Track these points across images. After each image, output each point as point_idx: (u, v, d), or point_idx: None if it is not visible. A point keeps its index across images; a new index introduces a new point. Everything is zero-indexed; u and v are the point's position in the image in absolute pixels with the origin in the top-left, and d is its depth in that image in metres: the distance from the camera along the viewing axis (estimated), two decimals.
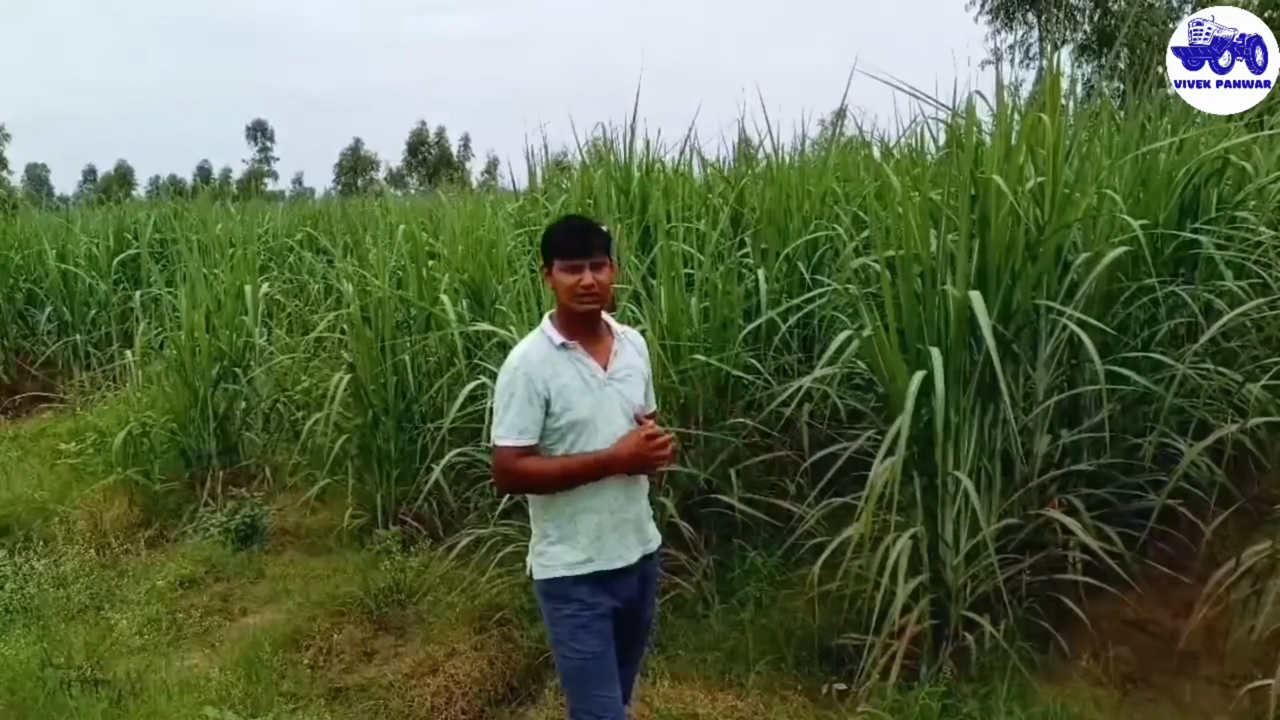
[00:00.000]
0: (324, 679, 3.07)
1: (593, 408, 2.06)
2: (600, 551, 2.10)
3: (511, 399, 2.03)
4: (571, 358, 2.07)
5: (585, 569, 2.09)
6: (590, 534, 2.09)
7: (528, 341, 2.12)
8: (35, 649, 3.19)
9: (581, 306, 2.04)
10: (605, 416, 2.07)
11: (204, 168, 53.27)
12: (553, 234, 2.10)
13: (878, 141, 4.36)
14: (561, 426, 2.05)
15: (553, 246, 2.07)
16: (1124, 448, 2.90)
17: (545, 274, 2.12)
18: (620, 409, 2.10)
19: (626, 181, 4.05)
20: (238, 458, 4.70)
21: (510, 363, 2.08)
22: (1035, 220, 2.78)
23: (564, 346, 2.07)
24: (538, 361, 2.05)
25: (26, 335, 7.45)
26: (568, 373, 2.06)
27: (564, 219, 2.22)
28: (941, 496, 2.67)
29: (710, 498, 3.25)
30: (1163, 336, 2.98)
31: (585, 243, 2.04)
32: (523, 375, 2.03)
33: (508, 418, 2.04)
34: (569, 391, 2.04)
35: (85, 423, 5.54)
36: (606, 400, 2.08)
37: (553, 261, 2.06)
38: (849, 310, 3.23)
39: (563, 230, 2.10)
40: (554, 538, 2.11)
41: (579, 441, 2.06)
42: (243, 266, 5.24)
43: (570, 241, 2.05)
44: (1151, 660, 2.65)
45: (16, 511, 4.53)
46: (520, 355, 2.08)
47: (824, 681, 2.71)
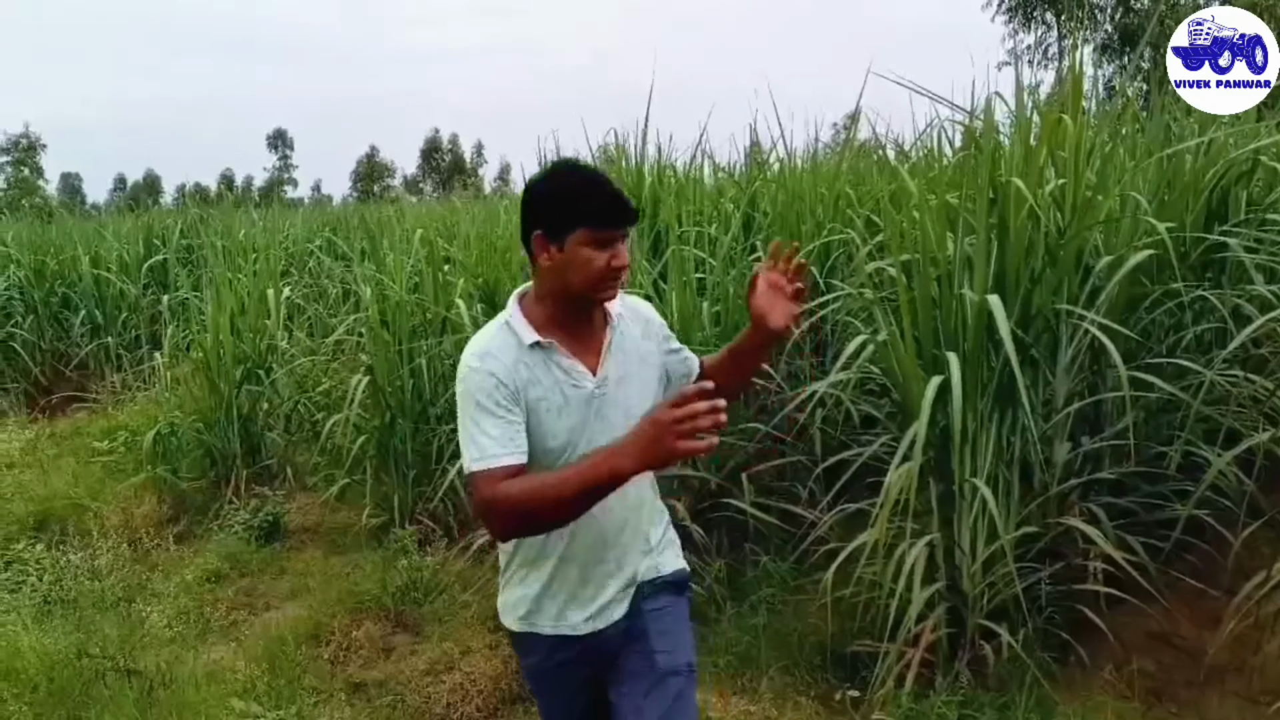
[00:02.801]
0: (344, 674, 3.10)
1: (574, 431, 1.52)
2: (561, 611, 1.60)
3: (479, 409, 1.47)
4: (547, 360, 1.52)
5: (540, 626, 1.62)
6: (553, 586, 1.59)
7: (487, 335, 1.54)
8: (71, 639, 3.27)
9: (609, 293, 1.52)
10: (589, 440, 1.52)
11: (227, 176, 54.31)
12: (576, 191, 1.48)
13: (892, 144, 4.33)
14: (534, 451, 1.50)
15: (580, 208, 1.47)
16: (1148, 456, 2.83)
17: (540, 245, 1.50)
18: (612, 428, 1.52)
19: (638, 186, 4.06)
20: (260, 457, 4.78)
21: (467, 362, 1.51)
22: (1056, 223, 2.74)
23: (537, 346, 1.51)
24: (510, 363, 1.50)
25: (61, 338, 7.64)
26: (545, 379, 1.51)
27: (571, 169, 1.55)
28: (958, 503, 2.63)
29: (722, 502, 3.24)
30: (1188, 342, 2.91)
31: (625, 208, 1.50)
32: (487, 377, 1.48)
33: (480, 430, 1.45)
34: (543, 410, 1.50)
35: (117, 422, 5.68)
36: (594, 417, 1.53)
37: (572, 231, 1.47)
38: (863, 315, 3.21)
39: (592, 188, 1.49)
40: (509, 577, 1.64)
41: (554, 468, 1.49)
42: (265, 271, 5.34)
43: (609, 207, 1.48)
44: (1176, 674, 2.58)
45: (53, 507, 4.65)
46: (480, 353, 1.51)
47: (837, 688, 2.68)
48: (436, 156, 55.74)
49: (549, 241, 1.49)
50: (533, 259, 1.53)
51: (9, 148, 44.73)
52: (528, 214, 1.52)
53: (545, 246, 1.49)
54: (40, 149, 45.82)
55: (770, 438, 3.26)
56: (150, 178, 55.58)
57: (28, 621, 3.47)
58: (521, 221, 1.54)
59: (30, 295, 7.70)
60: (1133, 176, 2.96)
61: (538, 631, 1.63)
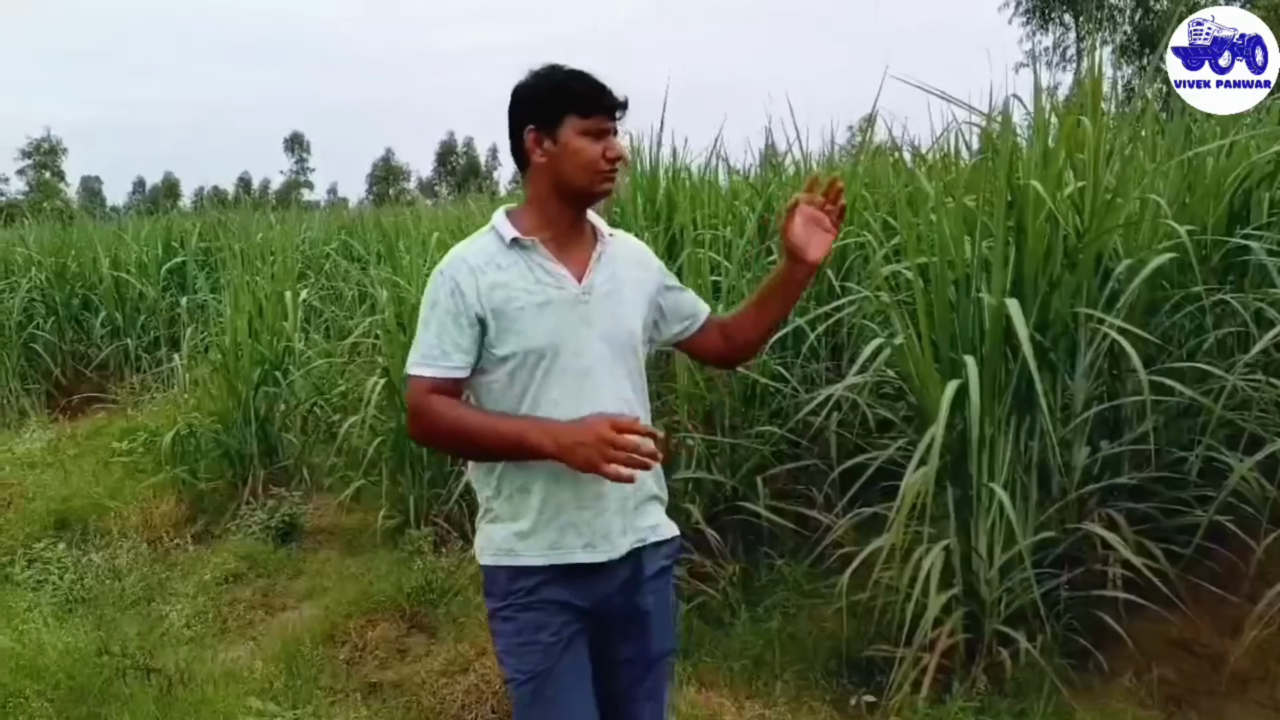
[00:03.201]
0: (359, 675, 3.12)
1: (556, 333, 1.44)
2: (558, 536, 1.47)
3: (431, 312, 1.46)
4: (528, 259, 1.46)
5: (530, 558, 1.47)
6: (546, 511, 1.47)
7: (466, 241, 1.53)
8: (92, 637, 3.30)
9: (604, 187, 1.47)
10: (575, 348, 1.45)
11: (244, 179, 54.96)
12: (564, 83, 1.44)
13: (908, 146, 4.31)
14: (507, 356, 1.44)
15: (569, 98, 1.43)
16: (1168, 461, 2.81)
17: (535, 141, 1.46)
18: (598, 337, 1.46)
19: (653, 189, 4.06)
20: (277, 458, 4.81)
21: (438, 266, 1.49)
22: (1075, 226, 2.72)
23: (517, 243, 1.46)
24: (474, 266, 1.45)
25: (81, 339, 7.73)
26: (519, 280, 1.44)
27: (554, 67, 1.48)
28: (975, 508, 2.62)
29: (736, 505, 3.23)
30: (1210, 346, 2.88)
31: (615, 95, 1.45)
32: (448, 281, 1.45)
33: (425, 336, 1.47)
34: (516, 306, 1.43)
35: (136, 423, 5.74)
36: (580, 324, 1.45)
37: (564, 120, 1.43)
38: (879, 318, 3.19)
39: (578, 77, 1.45)
40: (495, 512, 1.52)
41: (537, 380, 1.44)
42: (282, 274, 5.38)
43: (599, 92, 1.44)
44: (1198, 682, 2.55)
45: (74, 506, 4.70)
46: (451, 257, 1.49)
47: (853, 693, 2.67)
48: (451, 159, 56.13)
49: (542, 135, 1.46)
50: (524, 162, 1.49)
51: (31, 151, 45.43)
52: (517, 113, 1.48)
53: (539, 141, 1.46)
54: (61, 153, 46.55)
55: (785, 441, 3.26)
56: (169, 181, 56.29)
57: (49, 619, 3.52)
58: (510, 127, 1.49)
59: (51, 297, 7.79)
60: (1153, 179, 2.94)
61: (526, 564, 1.48)
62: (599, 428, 1.35)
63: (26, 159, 45.91)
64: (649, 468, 1.38)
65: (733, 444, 3.28)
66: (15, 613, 3.56)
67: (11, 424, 6.69)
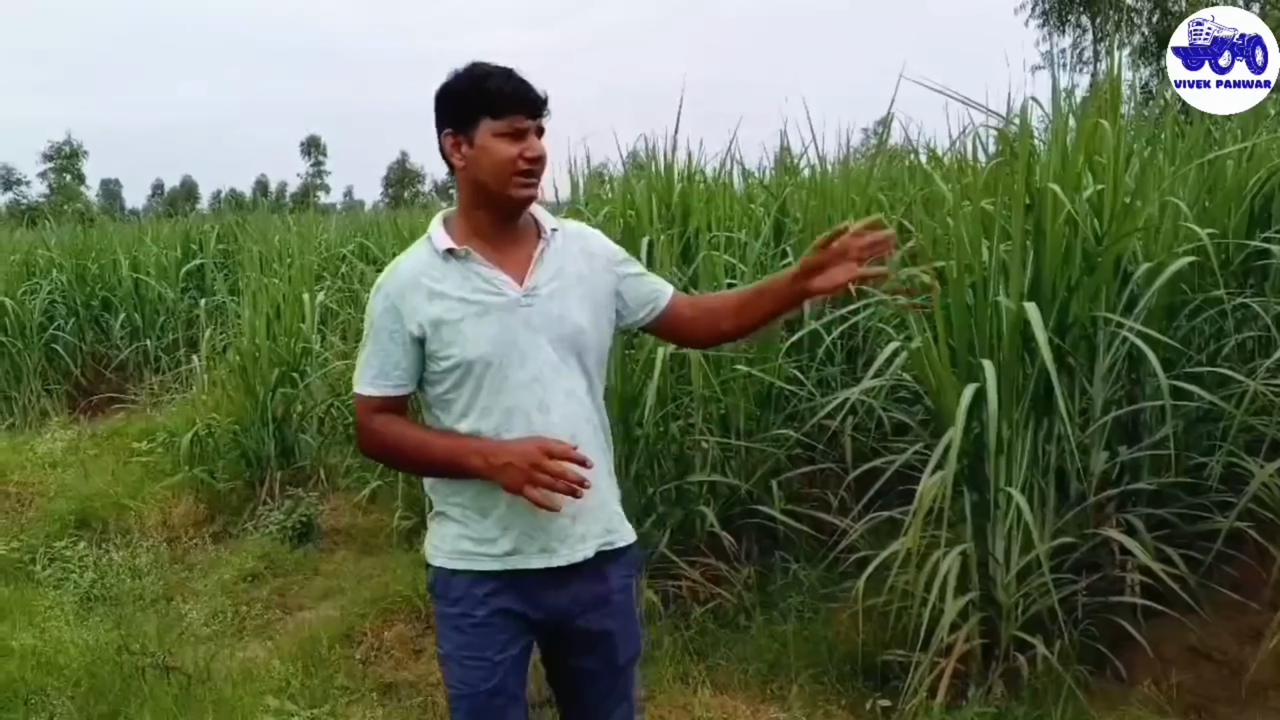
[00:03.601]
0: (375, 674, 3.14)
1: (496, 340, 1.41)
2: (514, 544, 1.45)
3: (370, 331, 1.46)
4: (464, 269, 1.43)
5: (482, 561, 1.46)
6: (500, 515, 1.45)
7: (404, 253, 1.51)
8: (112, 635, 3.34)
9: (523, 193, 1.42)
10: (520, 354, 1.42)
11: (262, 181, 55.36)
12: (478, 83, 1.41)
13: (925, 149, 4.30)
14: (452, 368, 1.42)
15: (482, 99, 1.39)
16: (1187, 466, 2.78)
17: (453, 145, 1.43)
18: (545, 340, 1.44)
19: (668, 192, 4.06)
20: (295, 459, 4.84)
21: (379, 280, 1.49)
22: (1094, 230, 2.71)
23: (451, 253, 1.43)
24: (408, 281, 1.43)
25: (101, 340, 7.82)
26: (455, 290, 1.42)
27: (476, 65, 1.44)
28: (992, 513, 2.61)
29: (751, 508, 3.23)
30: (1230, 350, 2.86)
31: (532, 94, 1.41)
32: (383, 300, 1.44)
33: (365, 355, 1.47)
34: (456, 318, 1.41)
35: (155, 424, 5.79)
36: (522, 329, 1.42)
37: (478, 122, 1.40)
38: (895, 321, 3.19)
39: (493, 76, 1.41)
40: (450, 515, 1.50)
41: (482, 392, 1.42)
42: (300, 276, 5.41)
43: (513, 91, 1.40)
44: (1217, 690, 2.53)
45: (95, 506, 4.75)
46: (389, 271, 1.48)
47: (868, 697, 2.66)
48: None
49: (459, 139, 1.43)
50: (449, 168, 1.47)
51: (52, 155, 46.01)
52: (436, 116, 1.45)
53: (457, 145, 1.43)
54: (82, 155, 47.09)
55: (801, 444, 3.26)
56: (187, 184, 56.85)
57: (70, 618, 3.56)
58: (435, 131, 1.47)
59: (72, 299, 7.88)
60: (1172, 182, 2.92)
61: (481, 569, 1.46)
62: (529, 450, 1.36)
63: (48, 162, 46.51)
64: (578, 495, 1.37)
65: (748, 447, 3.28)
66: (37, 611, 3.60)
67: (33, 424, 6.77)
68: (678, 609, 3.09)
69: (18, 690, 2.96)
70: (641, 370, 3.19)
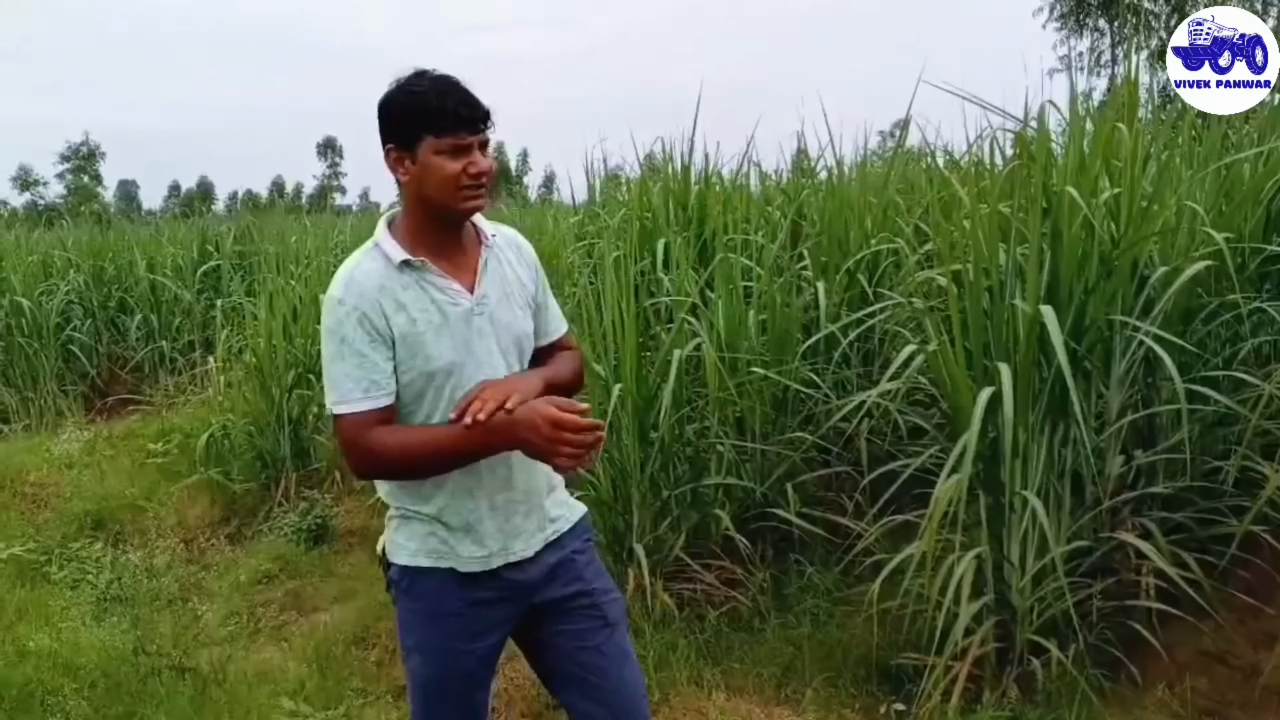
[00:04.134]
0: (389, 676, 3.15)
1: (458, 350, 1.45)
2: (475, 541, 1.50)
3: (343, 346, 1.42)
4: (420, 280, 1.45)
5: (452, 560, 1.50)
6: (457, 519, 1.49)
7: (352, 262, 1.48)
8: (128, 636, 3.37)
9: (470, 204, 1.45)
10: (477, 361, 1.46)
11: (278, 183, 55.60)
12: (419, 99, 1.41)
13: (942, 152, 4.29)
14: (414, 381, 1.44)
15: (423, 117, 1.40)
16: (1203, 470, 2.78)
17: (396, 160, 1.45)
18: (497, 347, 1.49)
19: (685, 194, 4.08)
20: (310, 461, 4.88)
21: (333, 292, 1.45)
22: (1110, 233, 2.70)
23: (408, 265, 1.45)
24: (372, 290, 1.43)
25: (118, 341, 7.87)
26: (415, 303, 1.44)
27: (418, 75, 1.45)
28: (1008, 516, 2.61)
29: (766, 512, 3.24)
30: (1246, 355, 2.85)
31: (474, 109, 1.42)
32: (352, 310, 1.42)
33: (343, 372, 1.42)
34: (418, 330, 1.43)
35: (171, 425, 5.83)
36: (476, 337, 1.47)
37: (420, 140, 1.41)
38: (912, 325, 3.19)
39: (435, 92, 1.41)
40: (412, 509, 1.52)
41: (443, 401, 1.45)
42: (316, 277, 5.45)
43: (454, 109, 1.40)
44: (1231, 694, 2.52)
45: (111, 507, 4.79)
46: (344, 283, 1.45)
47: (882, 701, 2.66)
48: None
49: (402, 154, 1.44)
50: (395, 178, 1.48)
51: (70, 155, 46.34)
52: (380, 129, 1.46)
53: (400, 160, 1.45)
54: (99, 157, 47.38)
55: (816, 447, 3.26)
56: (204, 185, 57.10)
57: (86, 618, 3.58)
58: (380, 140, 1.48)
59: (89, 299, 7.93)
60: (1190, 186, 2.91)
61: (447, 566, 1.50)
62: (542, 417, 1.37)
63: (65, 163, 46.85)
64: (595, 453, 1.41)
65: (763, 450, 3.28)
66: (53, 611, 3.63)
67: (49, 425, 6.82)
68: (692, 612, 3.09)
69: (34, 691, 2.98)
70: (657, 373, 3.21)
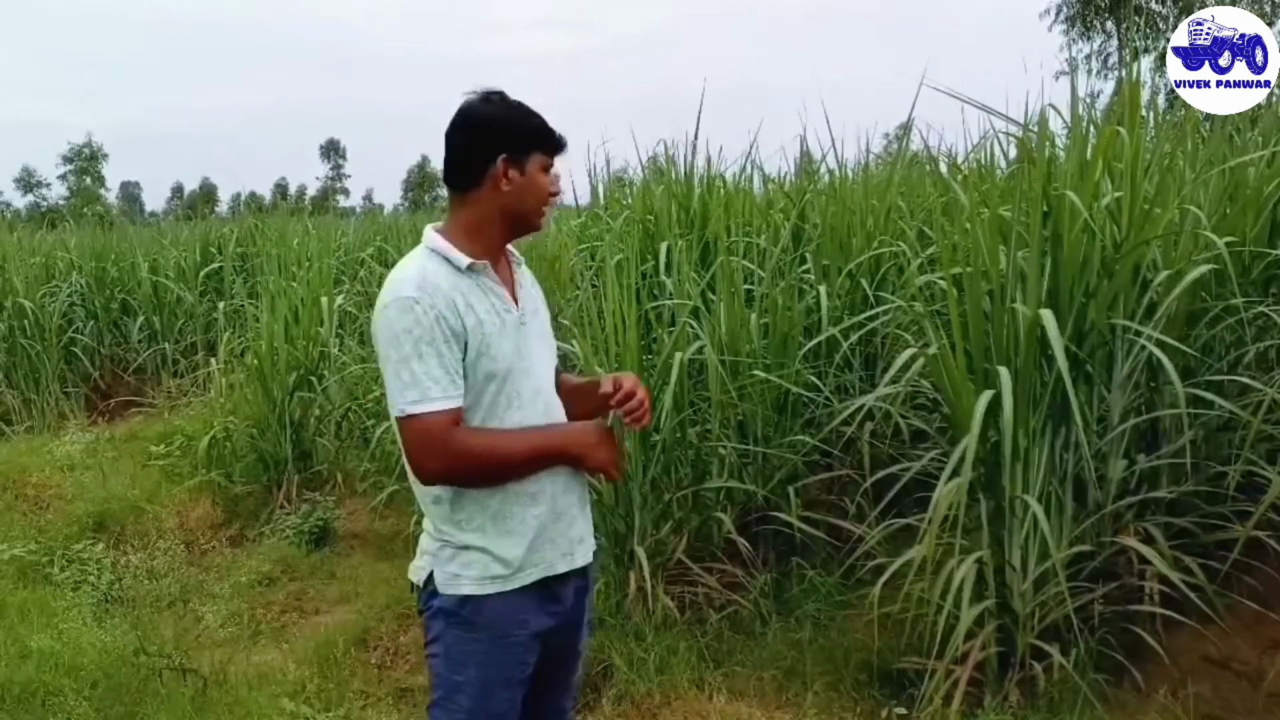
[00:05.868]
0: (390, 678, 3.16)
1: (513, 354, 1.50)
2: (541, 553, 1.51)
3: (421, 345, 1.41)
4: (483, 285, 1.50)
5: (520, 579, 1.50)
6: (528, 532, 1.49)
7: (416, 264, 1.49)
8: (129, 637, 3.36)
9: (545, 221, 1.58)
10: (526, 368, 1.52)
11: (281, 185, 55.62)
12: (533, 118, 1.53)
13: (944, 155, 4.29)
14: (477, 382, 1.46)
15: (539, 134, 1.52)
16: (1206, 475, 2.77)
17: (504, 170, 1.49)
18: (541, 355, 1.58)
19: (687, 197, 4.08)
20: (311, 463, 4.87)
21: (403, 293, 1.44)
22: (1112, 237, 2.70)
23: (472, 269, 1.48)
24: (446, 290, 1.44)
25: (120, 343, 7.88)
26: (480, 304, 1.48)
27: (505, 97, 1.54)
28: (1009, 520, 2.60)
29: (768, 515, 3.23)
30: (1249, 359, 2.84)
31: (564, 137, 1.57)
32: (429, 309, 1.42)
33: (424, 371, 1.41)
34: (487, 331, 1.47)
35: (173, 427, 5.83)
36: (524, 343, 1.53)
37: (530, 155, 1.50)
38: (913, 328, 3.19)
39: (538, 115, 1.54)
40: (469, 540, 1.49)
41: (502, 400, 1.48)
42: (318, 279, 5.45)
43: (560, 135, 1.54)
44: (1234, 700, 2.51)
45: (112, 508, 4.79)
46: (417, 283, 1.45)
47: (883, 705, 2.66)
48: None
49: (510, 165, 1.50)
50: (472, 183, 1.51)
51: (73, 157, 46.48)
52: (483, 137, 1.50)
53: (506, 170, 1.50)
54: (102, 158, 47.51)
55: (818, 450, 3.26)
56: (206, 187, 57.12)
57: (88, 619, 3.58)
58: (463, 146, 1.52)
59: (91, 301, 7.95)
60: (1193, 189, 2.91)
61: (514, 588, 1.49)
62: (600, 429, 1.54)
63: (68, 164, 46.97)
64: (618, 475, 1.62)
65: (765, 453, 3.28)
66: (55, 612, 3.62)
67: (51, 426, 6.83)
68: (694, 615, 3.09)
69: (35, 691, 2.98)
70: (659, 376, 3.21)
